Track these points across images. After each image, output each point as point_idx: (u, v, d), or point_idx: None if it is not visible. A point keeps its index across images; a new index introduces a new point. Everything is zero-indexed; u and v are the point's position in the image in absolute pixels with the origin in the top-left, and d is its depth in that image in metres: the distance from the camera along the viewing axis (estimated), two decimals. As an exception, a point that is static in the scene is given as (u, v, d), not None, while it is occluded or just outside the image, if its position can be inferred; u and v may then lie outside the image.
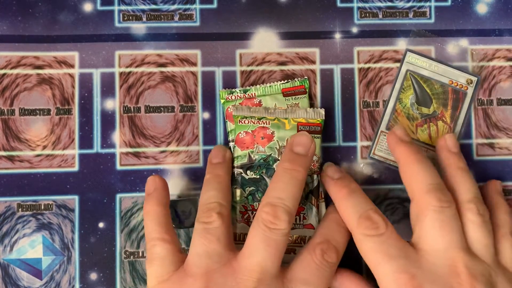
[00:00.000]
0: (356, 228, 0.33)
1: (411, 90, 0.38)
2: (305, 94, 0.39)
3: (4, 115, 0.39)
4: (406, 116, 0.38)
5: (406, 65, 0.38)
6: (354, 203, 0.34)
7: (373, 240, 0.32)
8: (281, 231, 0.32)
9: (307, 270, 0.32)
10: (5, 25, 0.40)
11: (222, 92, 0.39)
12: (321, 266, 0.32)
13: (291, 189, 0.33)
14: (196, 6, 0.40)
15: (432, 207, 0.32)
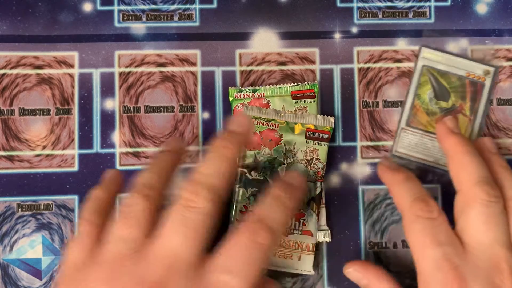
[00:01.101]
0: (410, 208, 0.32)
1: (429, 85, 0.38)
2: (314, 98, 0.39)
3: (4, 115, 0.39)
4: (425, 112, 0.38)
5: (422, 61, 0.38)
6: (410, 186, 0.33)
7: (424, 222, 0.31)
8: (200, 209, 0.28)
9: (231, 255, 0.28)
10: (5, 25, 0.40)
11: (231, 90, 0.39)
12: (250, 249, 0.27)
13: (218, 165, 0.29)
14: (195, 6, 0.40)
15: (480, 200, 0.32)
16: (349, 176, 0.39)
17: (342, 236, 0.39)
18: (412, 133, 0.38)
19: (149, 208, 0.29)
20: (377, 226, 0.39)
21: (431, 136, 0.38)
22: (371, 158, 0.40)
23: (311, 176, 0.37)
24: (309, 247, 0.37)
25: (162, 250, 0.27)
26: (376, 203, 0.39)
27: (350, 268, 0.35)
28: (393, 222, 0.39)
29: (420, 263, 0.31)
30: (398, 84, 0.40)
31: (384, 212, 0.39)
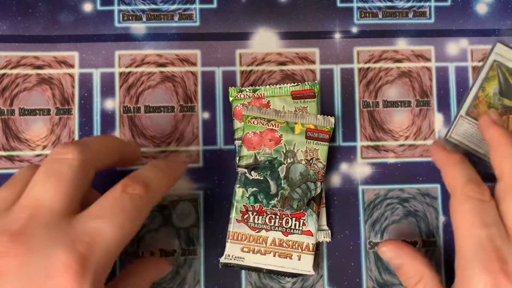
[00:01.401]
0: (462, 188, 0.33)
1: (496, 80, 0.39)
2: (314, 98, 0.39)
3: (4, 115, 0.39)
4: (487, 105, 0.39)
5: (494, 55, 0.39)
6: (465, 168, 0.34)
7: (475, 203, 0.32)
8: (68, 160, 0.28)
9: (101, 205, 0.28)
10: (5, 25, 0.40)
11: (231, 90, 0.39)
12: (121, 198, 0.28)
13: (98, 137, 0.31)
14: (196, 6, 0.40)
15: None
16: (349, 176, 0.39)
17: (342, 236, 0.39)
18: (469, 123, 0.39)
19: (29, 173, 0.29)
20: (377, 226, 0.39)
21: None
22: (371, 158, 0.40)
23: (311, 176, 0.37)
24: (309, 247, 0.37)
25: (25, 200, 0.27)
26: (376, 203, 0.39)
27: (384, 247, 0.36)
28: (393, 222, 0.39)
29: (463, 242, 0.32)
30: (398, 84, 0.40)
31: (384, 212, 0.39)
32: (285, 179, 0.37)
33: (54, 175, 0.28)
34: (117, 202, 0.28)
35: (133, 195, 0.28)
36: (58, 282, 0.25)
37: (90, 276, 0.26)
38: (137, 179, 0.29)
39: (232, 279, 0.38)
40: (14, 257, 0.25)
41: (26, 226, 0.26)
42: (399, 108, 0.40)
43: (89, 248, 0.26)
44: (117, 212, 0.27)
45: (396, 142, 0.40)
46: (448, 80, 0.40)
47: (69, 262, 0.25)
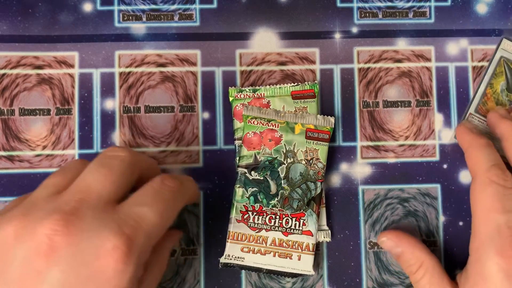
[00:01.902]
0: (486, 172, 0.33)
1: (503, 76, 0.39)
2: (314, 98, 0.39)
3: (4, 115, 0.39)
4: (495, 102, 0.39)
5: (500, 52, 0.39)
6: (491, 153, 0.35)
7: (497, 188, 0.33)
8: (120, 157, 0.31)
9: (143, 194, 0.30)
10: (5, 25, 0.40)
11: (231, 90, 0.39)
12: (160, 189, 0.31)
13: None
14: (196, 6, 0.40)
15: None
16: (349, 176, 0.39)
17: (342, 236, 0.39)
18: (478, 120, 0.39)
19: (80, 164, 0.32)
20: (377, 226, 0.39)
21: None
22: (371, 158, 0.40)
23: (311, 176, 0.37)
24: (309, 247, 0.37)
25: (77, 186, 0.29)
26: (376, 203, 0.39)
27: (384, 237, 0.37)
28: (393, 222, 0.39)
29: (480, 224, 0.33)
30: (398, 84, 0.40)
31: (384, 212, 0.39)
32: (285, 179, 0.37)
33: (106, 167, 0.30)
34: (158, 192, 0.30)
35: (171, 187, 0.31)
36: (106, 261, 0.27)
37: (134, 257, 0.27)
38: (173, 176, 0.32)
39: (232, 279, 0.38)
40: (66, 236, 0.27)
41: (76, 208, 0.28)
42: (399, 108, 0.40)
43: (134, 231, 0.28)
44: (158, 201, 0.30)
45: (396, 142, 0.40)
46: (448, 80, 0.40)
47: (117, 243, 0.27)
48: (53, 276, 0.26)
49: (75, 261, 0.26)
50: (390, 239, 0.36)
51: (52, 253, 0.26)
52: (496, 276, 0.31)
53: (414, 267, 0.35)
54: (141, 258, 0.28)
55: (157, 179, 0.31)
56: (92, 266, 0.27)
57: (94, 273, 0.27)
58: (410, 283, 0.39)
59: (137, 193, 0.30)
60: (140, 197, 0.30)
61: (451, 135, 0.40)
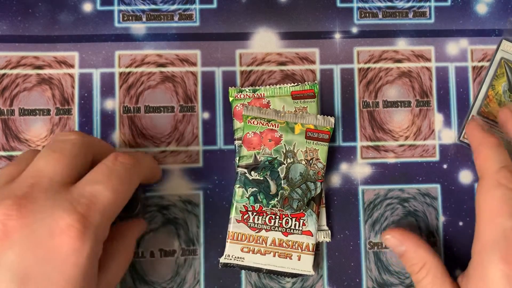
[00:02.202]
0: (495, 173, 0.32)
1: (504, 77, 0.39)
2: (314, 98, 0.39)
3: (4, 115, 0.39)
4: (497, 103, 0.38)
5: (500, 53, 0.39)
6: (500, 152, 0.34)
7: (506, 191, 0.32)
8: (71, 140, 0.31)
9: (96, 172, 0.30)
10: (5, 25, 0.40)
11: (231, 90, 0.39)
12: (113, 166, 0.31)
13: None
14: (196, 6, 0.40)
15: None
16: (349, 176, 0.39)
17: (342, 236, 0.39)
18: None
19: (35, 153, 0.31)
20: (377, 226, 0.39)
21: (500, 127, 0.39)
22: (371, 158, 0.40)
23: (311, 176, 0.37)
24: (309, 247, 0.37)
25: (29, 172, 0.29)
26: (376, 203, 0.39)
27: (388, 235, 0.36)
28: (393, 222, 0.39)
29: (485, 227, 0.32)
30: (398, 84, 0.40)
31: (384, 212, 0.39)
32: (285, 179, 0.37)
33: (57, 151, 0.30)
34: (111, 169, 0.30)
35: (124, 164, 0.31)
36: (61, 240, 0.27)
37: (91, 235, 0.28)
38: (127, 153, 0.32)
39: (232, 279, 0.38)
40: (19, 219, 0.27)
41: (29, 192, 0.28)
42: (399, 108, 0.40)
43: (88, 209, 0.28)
44: (111, 177, 0.30)
45: (396, 142, 0.40)
46: (448, 80, 0.40)
47: (71, 222, 0.27)
48: (9, 258, 0.26)
49: (29, 242, 0.27)
50: (394, 236, 0.36)
51: (6, 238, 0.27)
52: (499, 282, 0.30)
53: (417, 266, 0.35)
54: (99, 236, 0.29)
55: (110, 156, 0.31)
56: (47, 245, 0.27)
57: (50, 252, 0.27)
58: (410, 283, 0.39)
59: (90, 172, 0.30)
60: (93, 175, 0.30)
61: (455, 135, 0.40)
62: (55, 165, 0.29)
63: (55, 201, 0.28)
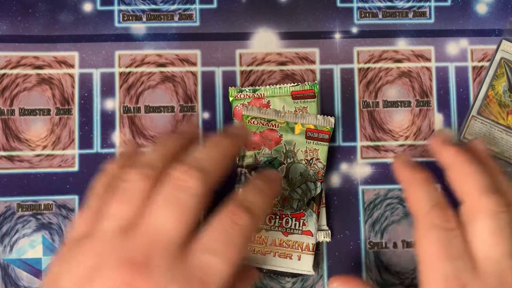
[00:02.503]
0: (427, 214, 0.31)
1: (504, 77, 0.38)
2: (314, 98, 0.39)
3: (4, 115, 0.39)
4: (497, 103, 0.38)
5: (500, 53, 0.39)
6: (430, 190, 0.32)
7: (440, 232, 0.30)
8: (190, 189, 0.28)
9: (212, 236, 0.28)
10: (5, 25, 0.40)
11: (231, 90, 0.39)
12: (229, 230, 0.28)
13: (211, 153, 0.29)
14: (196, 6, 0.40)
15: (488, 211, 0.30)
16: (349, 176, 0.39)
17: (342, 236, 0.39)
18: (481, 122, 0.39)
19: (145, 186, 0.29)
20: (377, 226, 0.39)
21: (500, 127, 0.38)
22: (371, 158, 0.40)
23: (311, 176, 0.37)
24: (309, 247, 0.37)
25: (147, 227, 0.27)
26: (376, 203, 0.39)
27: (334, 283, 0.34)
28: (393, 222, 0.39)
29: (427, 275, 0.30)
30: (398, 84, 0.40)
31: (384, 212, 0.39)
32: (285, 179, 0.37)
33: (176, 203, 0.27)
34: (228, 235, 0.28)
35: (241, 227, 0.28)
36: None
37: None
38: (243, 206, 0.29)
39: (232, 279, 0.38)
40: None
41: (147, 256, 0.26)
42: (399, 108, 0.40)
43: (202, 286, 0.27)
44: (229, 247, 0.28)
45: (396, 142, 0.40)
46: (448, 80, 0.40)
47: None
48: None
49: None
50: (340, 285, 0.34)
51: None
52: None
53: None
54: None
55: (225, 215, 0.28)
56: None
57: None
58: (410, 283, 0.39)
59: (206, 235, 0.28)
60: (209, 242, 0.28)
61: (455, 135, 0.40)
62: (174, 222, 0.27)
63: (172, 274, 0.26)
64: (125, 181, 0.29)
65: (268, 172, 0.32)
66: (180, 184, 0.28)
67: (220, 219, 0.28)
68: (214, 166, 0.29)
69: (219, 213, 0.28)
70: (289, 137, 0.38)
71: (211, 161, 0.29)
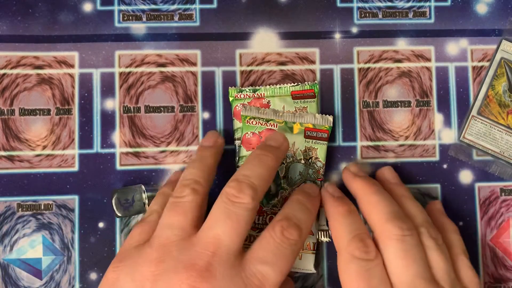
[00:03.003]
0: (347, 247, 0.32)
1: (505, 77, 0.38)
2: (314, 98, 0.39)
3: (4, 115, 0.39)
4: (497, 103, 0.38)
5: (500, 53, 0.39)
6: (350, 222, 0.33)
7: (360, 263, 0.31)
8: (244, 205, 0.31)
9: (266, 248, 0.31)
10: (5, 25, 0.40)
11: (231, 90, 0.39)
12: (281, 244, 0.31)
13: (259, 170, 0.32)
14: (196, 6, 0.40)
15: (394, 236, 0.32)
16: (349, 176, 0.39)
17: (342, 236, 0.39)
18: (482, 122, 0.39)
19: (195, 200, 0.32)
20: (377, 226, 0.39)
21: (500, 127, 0.38)
22: (371, 158, 0.40)
23: (310, 175, 0.37)
24: (310, 246, 0.37)
25: (207, 237, 0.30)
26: (376, 203, 0.39)
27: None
28: (393, 222, 0.39)
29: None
30: (398, 84, 0.40)
31: (384, 212, 0.39)
32: (285, 179, 0.37)
33: (232, 217, 0.30)
34: (279, 248, 0.31)
35: (291, 241, 0.31)
36: None
37: None
38: (292, 222, 0.32)
39: (232, 279, 0.38)
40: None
41: (210, 263, 0.29)
42: (399, 108, 0.40)
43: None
44: (280, 259, 0.30)
45: (396, 142, 0.40)
46: (448, 80, 0.40)
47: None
48: None
49: None
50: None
51: None
52: None
53: None
54: None
55: (277, 228, 0.31)
56: None
57: None
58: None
59: (259, 247, 0.31)
60: (262, 253, 0.31)
61: (455, 135, 0.40)
62: (231, 234, 0.30)
63: (231, 279, 0.29)
64: (178, 197, 0.33)
65: (309, 188, 0.35)
66: (235, 201, 0.31)
67: (270, 230, 0.31)
68: (262, 182, 0.32)
69: (271, 227, 0.31)
70: (288, 137, 0.37)
71: (259, 178, 0.32)
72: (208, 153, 0.36)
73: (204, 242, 0.30)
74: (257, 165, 0.33)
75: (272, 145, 0.34)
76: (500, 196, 0.40)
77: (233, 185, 0.31)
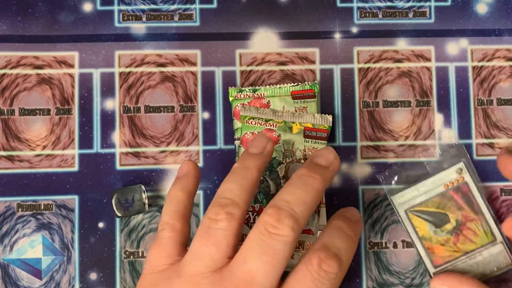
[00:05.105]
0: None
1: (424, 222, 0.38)
2: (314, 98, 0.39)
3: (4, 115, 0.39)
4: (439, 244, 0.37)
5: (400, 208, 0.38)
6: None
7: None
8: (282, 237, 0.28)
9: (301, 283, 0.28)
10: (5, 25, 0.40)
11: (231, 90, 0.39)
12: (319, 278, 0.28)
13: (302, 194, 0.29)
14: (196, 6, 0.40)
15: None
16: (349, 176, 0.39)
17: (342, 236, 0.39)
18: None
19: (230, 228, 0.29)
20: (377, 226, 0.39)
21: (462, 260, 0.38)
22: (371, 158, 0.40)
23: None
24: (310, 246, 0.37)
25: (239, 273, 0.28)
26: (376, 203, 0.39)
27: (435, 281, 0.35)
28: (393, 222, 0.39)
29: None
30: (398, 84, 0.40)
31: (384, 212, 0.39)
32: (284, 179, 0.37)
33: (268, 251, 0.27)
34: (316, 283, 0.28)
35: (330, 275, 0.28)
36: None
37: None
38: (332, 252, 0.29)
39: (232, 279, 0.38)
40: None
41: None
42: (399, 108, 0.40)
43: None
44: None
45: (396, 142, 0.40)
46: (448, 80, 0.40)
47: None
48: None
49: None
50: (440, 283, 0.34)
51: None
52: None
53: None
54: None
55: (313, 260, 0.28)
56: None
57: None
58: (410, 283, 0.38)
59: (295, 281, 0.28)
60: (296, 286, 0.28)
61: (455, 135, 0.40)
62: (266, 271, 0.27)
63: None
64: (212, 219, 0.29)
65: (351, 213, 0.32)
66: (273, 232, 0.28)
67: (310, 265, 0.28)
68: (305, 210, 0.29)
69: (307, 258, 0.28)
70: (287, 137, 0.38)
71: (301, 205, 0.29)
72: (253, 164, 0.31)
73: (236, 278, 0.28)
74: (301, 189, 0.29)
75: (321, 164, 0.31)
76: (500, 196, 0.40)
77: (271, 213, 0.28)
